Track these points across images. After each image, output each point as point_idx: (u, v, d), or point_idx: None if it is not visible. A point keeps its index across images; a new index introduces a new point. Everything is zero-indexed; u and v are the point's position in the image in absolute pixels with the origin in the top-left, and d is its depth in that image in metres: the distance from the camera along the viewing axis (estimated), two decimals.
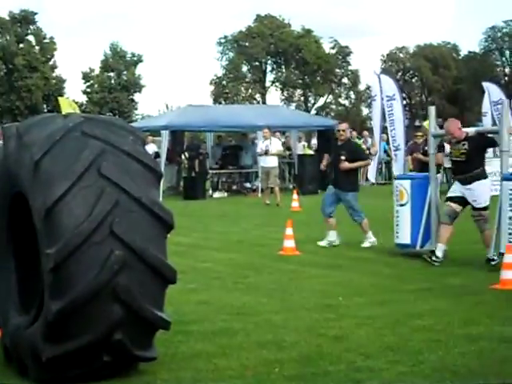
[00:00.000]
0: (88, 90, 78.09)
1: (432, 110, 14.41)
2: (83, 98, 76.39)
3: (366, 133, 38.45)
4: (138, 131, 7.35)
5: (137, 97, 79.55)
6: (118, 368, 6.89)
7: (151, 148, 30.16)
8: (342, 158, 15.53)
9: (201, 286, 11.44)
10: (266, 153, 26.99)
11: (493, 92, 34.05)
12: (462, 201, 13.04)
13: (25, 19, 75.65)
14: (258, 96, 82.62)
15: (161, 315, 6.79)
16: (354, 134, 34.61)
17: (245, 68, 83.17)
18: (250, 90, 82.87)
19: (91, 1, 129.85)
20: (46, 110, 70.39)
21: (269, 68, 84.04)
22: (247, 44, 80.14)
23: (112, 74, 78.29)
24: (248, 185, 32.85)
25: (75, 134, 6.76)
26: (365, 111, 79.35)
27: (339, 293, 10.69)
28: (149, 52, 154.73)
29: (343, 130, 15.89)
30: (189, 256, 14.23)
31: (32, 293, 7.25)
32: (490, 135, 13.80)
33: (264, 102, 78.17)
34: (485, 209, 12.97)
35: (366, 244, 15.45)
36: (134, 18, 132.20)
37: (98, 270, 6.37)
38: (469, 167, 13.00)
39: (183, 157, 33.27)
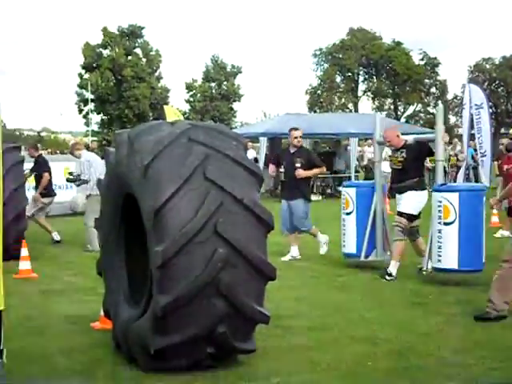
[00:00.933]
0: (191, 99, 78.86)
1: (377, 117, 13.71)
2: (186, 107, 77.18)
3: (455, 140, 37.84)
4: (240, 137, 7.37)
5: (236, 105, 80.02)
6: (220, 359, 6.94)
7: (250, 153, 30.31)
8: (297, 165, 13.96)
9: (298, 284, 11.45)
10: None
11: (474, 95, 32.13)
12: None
13: (133, 33, 76.75)
14: (350, 105, 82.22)
15: (261, 310, 6.81)
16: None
17: (338, 78, 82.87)
18: (343, 99, 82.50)
19: (194, 17, 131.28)
20: (152, 118, 71.24)
21: (361, 78, 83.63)
22: (341, 56, 79.86)
23: (213, 85, 78.87)
24: (341, 188, 32.66)
25: (182, 140, 6.83)
26: (452, 119, 78.31)
27: (429, 291, 10.57)
28: (248, 64, 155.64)
29: (300, 137, 14.07)
30: (287, 255, 14.23)
31: (141, 287, 7.34)
32: (430, 143, 12.45)
33: (356, 111, 77.77)
34: (407, 217, 11.82)
35: (322, 249, 14.40)
36: (234, 32, 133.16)
37: (203, 267, 6.42)
38: (404, 176, 11.98)
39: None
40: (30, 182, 17.51)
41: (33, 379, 6.69)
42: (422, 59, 79.60)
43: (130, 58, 75.29)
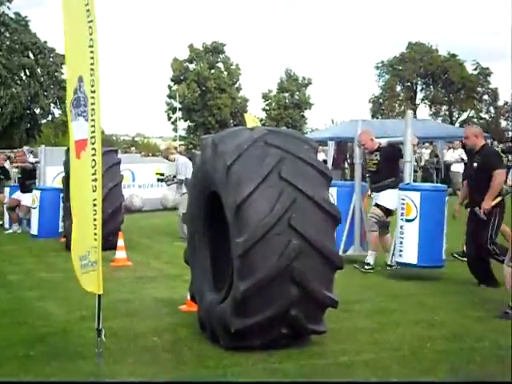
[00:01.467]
0: (267, 107, 78.85)
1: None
2: (263, 115, 77.16)
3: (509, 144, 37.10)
4: (311, 141, 7.34)
5: (307, 113, 79.69)
6: (294, 339, 6.91)
7: (320, 156, 30.22)
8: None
9: (363, 272, 11.32)
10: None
11: None
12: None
13: (215, 49, 77.11)
14: (409, 112, 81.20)
15: (330, 295, 6.77)
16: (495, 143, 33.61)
17: (398, 88, 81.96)
18: (402, 107, 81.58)
19: (269, 35, 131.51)
20: (233, 125, 71.58)
21: (419, 87, 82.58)
22: (400, 67, 79.01)
23: (286, 95, 78.70)
24: None
25: (260, 143, 6.83)
26: (503, 123, 76.86)
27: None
28: (317, 76, 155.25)
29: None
30: None
31: (223, 275, 7.35)
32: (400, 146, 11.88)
33: (415, 117, 76.84)
34: (384, 210, 11.46)
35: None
36: (305, 47, 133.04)
37: (278, 256, 6.41)
38: (379, 177, 11.58)
39: (346, 163, 33.29)
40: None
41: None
42: (475, 69, 78.19)
43: (213, 71, 75.68)
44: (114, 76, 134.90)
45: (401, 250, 10.80)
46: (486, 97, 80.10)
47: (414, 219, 10.60)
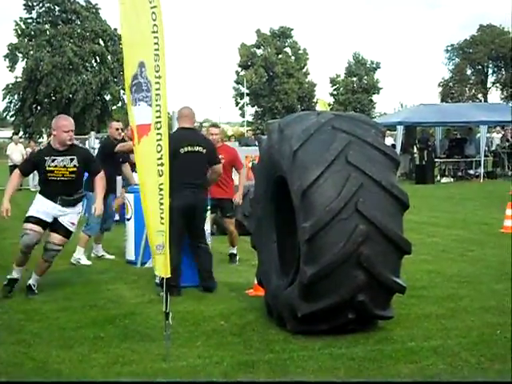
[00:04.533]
0: (334, 92, 78.53)
1: None
2: (330, 99, 76.84)
3: None
4: (379, 125, 7.28)
5: (375, 97, 79.19)
6: (361, 324, 6.88)
7: (388, 141, 29.99)
8: None
9: (431, 258, 11.21)
10: None
11: None
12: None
13: (283, 34, 77.06)
14: (480, 96, 79.85)
15: (397, 281, 6.72)
16: None
17: (469, 71, 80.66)
18: (473, 91, 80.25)
19: (337, 19, 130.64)
20: (300, 110, 71.49)
21: (490, 71, 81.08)
22: (471, 50, 77.69)
23: (354, 79, 78.24)
24: (471, 171, 31.95)
25: (327, 128, 6.81)
26: None
27: None
28: (386, 60, 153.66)
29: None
30: (420, 231, 13.99)
31: (289, 260, 7.35)
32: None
33: (486, 101, 75.50)
34: None
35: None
36: (373, 30, 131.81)
37: (345, 241, 6.38)
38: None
39: (415, 148, 32.96)
40: None
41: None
42: None
43: (280, 56, 75.68)
44: (182, 62, 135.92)
45: (125, 247, 11.44)
46: None
47: (130, 218, 11.36)
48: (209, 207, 9.71)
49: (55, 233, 8.67)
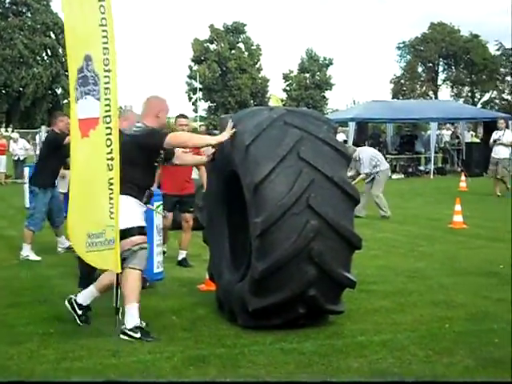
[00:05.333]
0: (287, 88, 78.76)
1: None
2: (283, 95, 77.03)
3: None
4: (331, 121, 7.31)
5: (328, 94, 79.68)
6: (312, 319, 6.91)
7: (340, 137, 30.21)
8: None
9: (381, 253, 11.32)
10: (495, 142, 21.57)
11: None
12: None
13: (236, 30, 77.04)
14: (430, 93, 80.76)
15: (348, 276, 6.76)
16: None
17: (420, 69, 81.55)
18: (424, 88, 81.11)
19: (290, 14, 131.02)
20: (253, 105, 71.57)
21: (440, 68, 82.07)
22: (422, 48, 78.51)
23: (307, 75, 78.57)
24: (422, 168, 32.40)
25: (279, 123, 6.82)
26: None
27: (502, 261, 10.30)
28: (338, 56, 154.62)
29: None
30: (371, 227, 14.12)
31: (241, 255, 7.35)
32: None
33: (436, 98, 76.43)
34: None
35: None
36: (326, 27, 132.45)
37: (296, 236, 6.40)
38: None
39: (366, 144, 33.24)
40: None
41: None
42: (498, 50, 77.62)
43: (233, 51, 75.65)
44: (134, 56, 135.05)
45: None
46: (508, 78, 79.51)
47: None
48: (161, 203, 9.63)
49: None
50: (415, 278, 9.34)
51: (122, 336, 6.52)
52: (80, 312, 7.10)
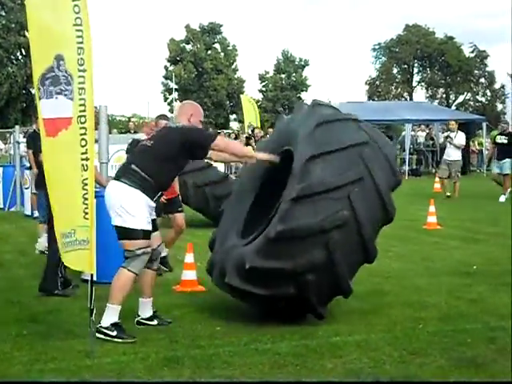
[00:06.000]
0: (263, 88, 78.80)
1: None
2: (259, 96, 77.11)
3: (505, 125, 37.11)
4: (392, 145, 7.77)
5: (303, 95, 79.70)
6: (293, 311, 6.98)
7: None
8: None
9: None
10: (446, 138, 22.17)
11: None
12: None
13: (212, 30, 76.93)
14: (405, 94, 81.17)
15: (348, 281, 6.87)
16: None
17: (395, 70, 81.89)
18: (399, 89, 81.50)
19: (267, 15, 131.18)
20: (229, 106, 71.65)
21: (415, 70, 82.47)
22: (397, 50, 78.87)
23: (283, 76, 78.64)
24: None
25: (354, 124, 7.19)
26: (499, 107, 76.87)
27: (476, 262, 10.38)
28: (315, 57, 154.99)
29: None
30: None
31: (253, 227, 7.29)
32: None
33: (411, 99, 76.89)
34: None
35: None
36: (302, 28, 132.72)
37: (324, 217, 6.46)
38: None
39: None
40: None
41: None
42: (472, 52, 78.18)
43: (209, 52, 75.57)
44: (109, 56, 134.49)
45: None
46: (482, 80, 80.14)
47: None
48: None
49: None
50: (390, 278, 9.38)
51: (97, 334, 6.49)
52: (156, 322, 7.20)
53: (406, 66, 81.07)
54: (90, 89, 6.10)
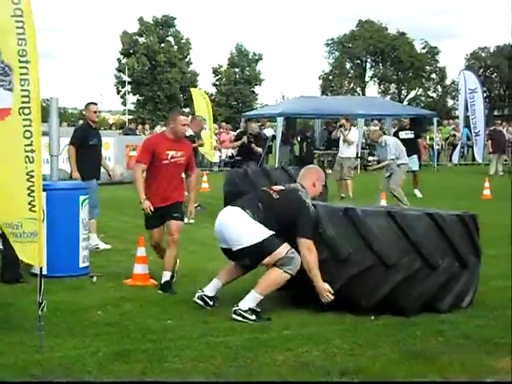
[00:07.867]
0: (217, 82, 78.53)
1: None
2: (213, 90, 76.83)
3: (456, 121, 37.58)
4: None
5: (257, 89, 79.55)
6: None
7: (269, 131, 30.28)
8: None
9: None
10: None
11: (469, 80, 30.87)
12: None
13: (166, 23, 76.38)
14: (358, 89, 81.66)
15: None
16: None
17: (348, 65, 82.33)
18: (352, 84, 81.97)
19: (220, 9, 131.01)
20: (182, 99, 71.35)
21: (368, 65, 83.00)
22: (350, 45, 79.28)
23: (237, 70, 78.44)
24: None
25: None
26: (450, 102, 77.83)
27: None
28: (268, 51, 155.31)
29: None
30: None
31: None
32: None
33: (364, 94, 77.36)
34: None
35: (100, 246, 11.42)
36: (256, 22, 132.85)
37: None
38: None
39: (295, 139, 33.50)
40: None
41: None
42: (424, 48, 78.93)
43: (163, 45, 75.03)
44: (63, 48, 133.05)
45: None
46: (433, 75, 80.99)
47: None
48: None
49: None
50: None
51: (233, 315, 6.94)
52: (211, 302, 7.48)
53: (358, 61, 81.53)
54: (36, 80, 6.04)
